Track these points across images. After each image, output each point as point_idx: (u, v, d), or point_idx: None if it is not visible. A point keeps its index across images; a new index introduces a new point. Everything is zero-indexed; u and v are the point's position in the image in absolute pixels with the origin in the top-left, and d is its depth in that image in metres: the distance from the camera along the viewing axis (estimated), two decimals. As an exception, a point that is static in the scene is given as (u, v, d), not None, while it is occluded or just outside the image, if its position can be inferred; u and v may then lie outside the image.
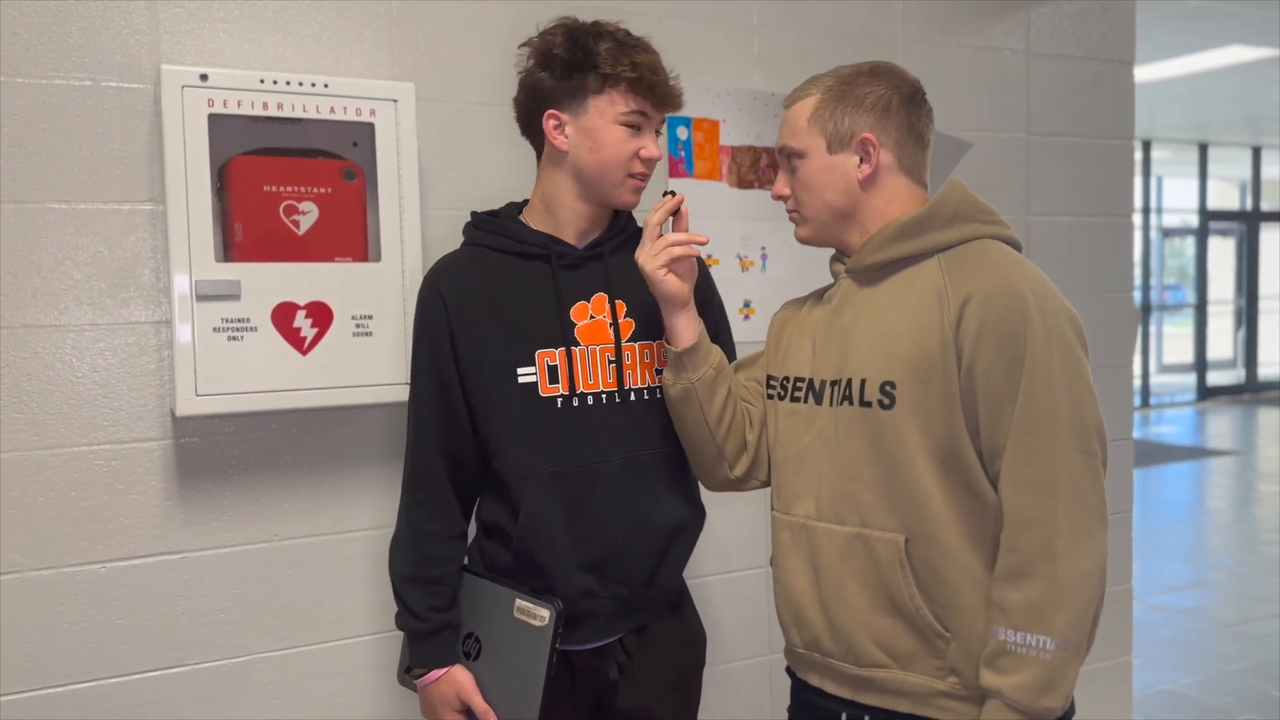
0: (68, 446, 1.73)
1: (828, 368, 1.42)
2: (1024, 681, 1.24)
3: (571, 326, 1.53)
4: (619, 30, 1.52)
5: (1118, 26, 2.68)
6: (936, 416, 1.30)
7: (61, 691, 1.73)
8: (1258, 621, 4.34)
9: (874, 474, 1.34)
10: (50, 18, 1.69)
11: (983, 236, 1.38)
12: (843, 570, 1.37)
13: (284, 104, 1.72)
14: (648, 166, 1.53)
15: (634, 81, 1.47)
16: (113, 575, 1.76)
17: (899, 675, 1.35)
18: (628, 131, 1.50)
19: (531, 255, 1.56)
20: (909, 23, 2.41)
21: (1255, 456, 8.36)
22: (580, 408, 1.53)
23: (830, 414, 1.40)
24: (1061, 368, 1.27)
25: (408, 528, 1.59)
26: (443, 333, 1.54)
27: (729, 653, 2.24)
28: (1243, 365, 12.18)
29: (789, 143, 1.44)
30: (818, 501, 1.40)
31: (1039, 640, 1.24)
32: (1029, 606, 1.25)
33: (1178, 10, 5.69)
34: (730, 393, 1.52)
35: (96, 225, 1.73)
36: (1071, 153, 2.63)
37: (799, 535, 1.43)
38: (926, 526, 1.31)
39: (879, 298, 1.39)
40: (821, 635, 1.41)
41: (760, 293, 2.25)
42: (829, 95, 1.41)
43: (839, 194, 1.41)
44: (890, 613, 1.34)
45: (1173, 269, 12.92)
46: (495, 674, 1.56)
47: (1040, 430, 1.26)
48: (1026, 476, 1.26)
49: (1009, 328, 1.27)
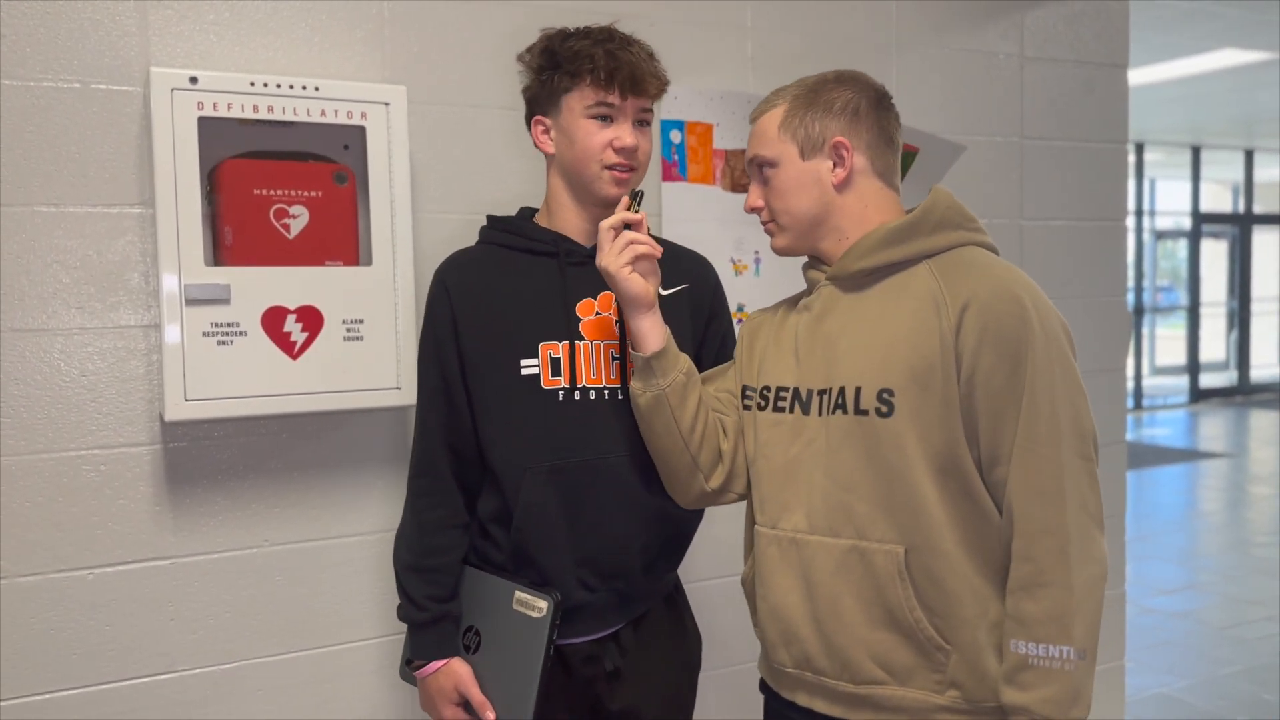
0: (56, 451, 1.71)
1: (814, 376, 1.39)
2: (1051, 695, 1.23)
3: (576, 321, 1.54)
4: (599, 29, 1.51)
5: (1111, 30, 2.68)
6: (935, 424, 1.29)
7: (50, 698, 1.72)
8: (1251, 624, 4.35)
9: (870, 484, 1.32)
10: (39, 20, 1.68)
11: (968, 244, 1.38)
12: (838, 585, 1.34)
13: (274, 107, 1.71)
14: (624, 156, 1.50)
15: (594, 73, 1.47)
16: (101, 581, 1.75)
17: (897, 691, 1.32)
18: (597, 124, 1.49)
19: (541, 252, 1.57)
20: (903, 26, 2.41)
21: (1247, 459, 8.38)
22: (582, 402, 1.53)
23: (819, 424, 1.37)
24: (1061, 375, 1.27)
25: (411, 516, 1.60)
26: (446, 325, 1.55)
27: (727, 656, 2.23)
28: (1235, 368, 12.22)
29: (760, 152, 1.43)
30: (809, 514, 1.37)
31: (1062, 651, 1.23)
32: (1049, 617, 1.23)
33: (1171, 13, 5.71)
34: (701, 400, 1.48)
35: (85, 228, 1.71)
36: (1065, 156, 2.64)
37: (788, 550, 1.39)
38: (926, 536, 1.29)
39: (866, 305, 1.37)
40: (814, 653, 1.37)
41: (754, 296, 2.24)
42: (797, 103, 1.40)
43: (814, 200, 1.40)
44: (888, 627, 1.31)
45: (1165, 271, 12.96)
46: (494, 667, 1.56)
47: (1045, 438, 1.25)
48: (1036, 485, 1.25)
49: (1009, 334, 1.26)
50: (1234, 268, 12.25)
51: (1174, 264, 12.90)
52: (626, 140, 1.50)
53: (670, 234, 2.10)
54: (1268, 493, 7.02)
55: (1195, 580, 5.05)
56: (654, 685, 1.62)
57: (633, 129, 1.51)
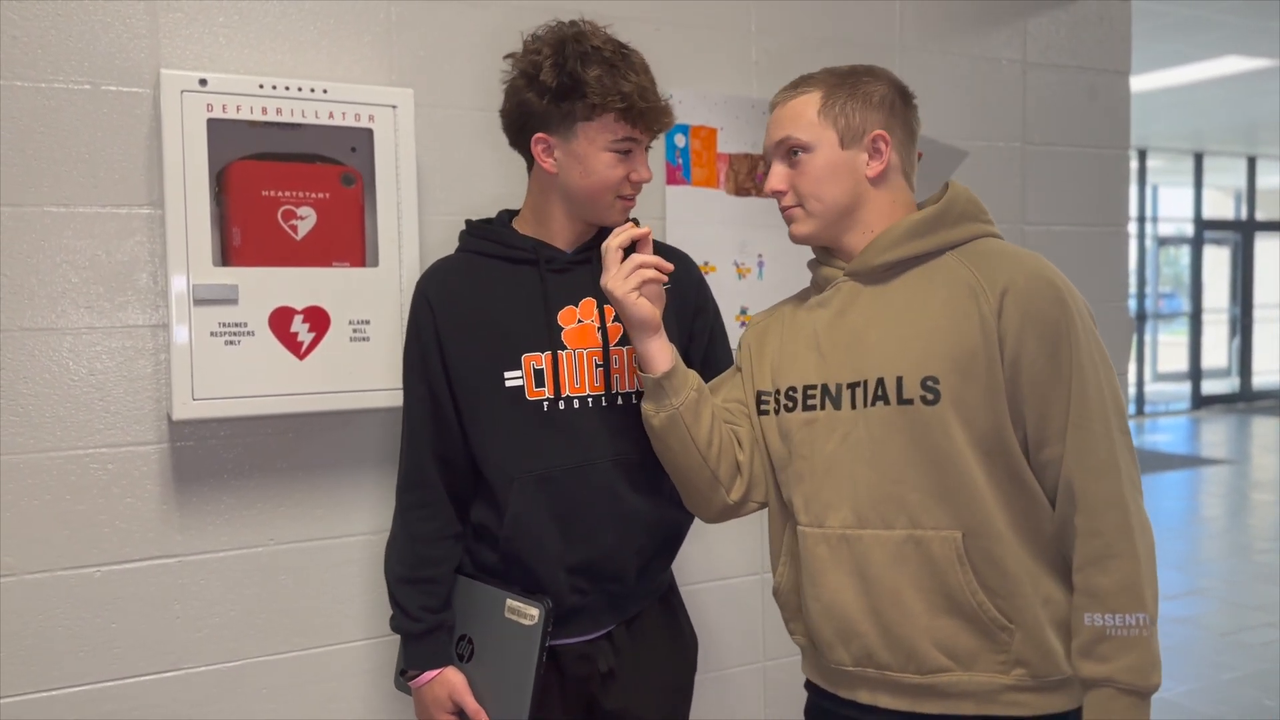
0: (63, 450, 1.73)
1: (842, 370, 1.38)
2: (1133, 662, 1.24)
3: (558, 330, 1.54)
4: (608, 46, 1.48)
5: (1113, 37, 2.70)
6: (980, 408, 1.30)
7: (55, 695, 1.73)
8: (1252, 630, 4.35)
9: (919, 472, 1.32)
10: (50, 21, 1.69)
11: (985, 235, 1.40)
12: (897, 576, 1.33)
13: (283, 109, 1.72)
14: (636, 189, 1.53)
15: (624, 110, 1.45)
16: (107, 579, 1.76)
17: (962, 677, 1.32)
18: (616, 157, 1.49)
19: (519, 260, 1.56)
20: (907, 31, 2.42)
21: (1249, 465, 8.37)
22: (566, 411, 1.53)
23: (855, 417, 1.36)
24: (1099, 353, 1.31)
25: (402, 529, 1.59)
26: (430, 337, 1.55)
27: (723, 660, 2.24)
28: (1237, 374, 12.21)
29: (796, 135, 1.40)
30: (856, 509, 1.35)
31: (1137, 619, 1.25)
32: (1121, 588, 1.25)
33: (1174, 21, 5.72)
34: (715, 415, 1.47)
35: (95, 229, 1.73)
36: (1067, 162, 2.65)
37: (838, 547, 1.36)
38: (981, 519, 1.30)
39: (892, 296, 1.38)
40: (876, 648, 1.35)
41: (757, 299, 2.25)
42: (837, 91, 1.40)
43: (846, 190, 1.40)
44: (950, 613, 1.31)
45: (1168, 278, 12.95)
46: (487, 675, 1.57)
47: (1095, 415, 1.28)
48: (1092, 461, 1.28)
49: (1049, 317, 1.29)
50: (1236, 274, 12.24)
51: (1176, 270, 12.89)
52: (644, 174, 1.52)
53: (673, 237, 2.11)
54: (1269, 499, 7.01)
55: (1197, 586, 5.04)
56: (650, 686, 1.63)
57: (644, 162, 1.53)
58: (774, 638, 2.31)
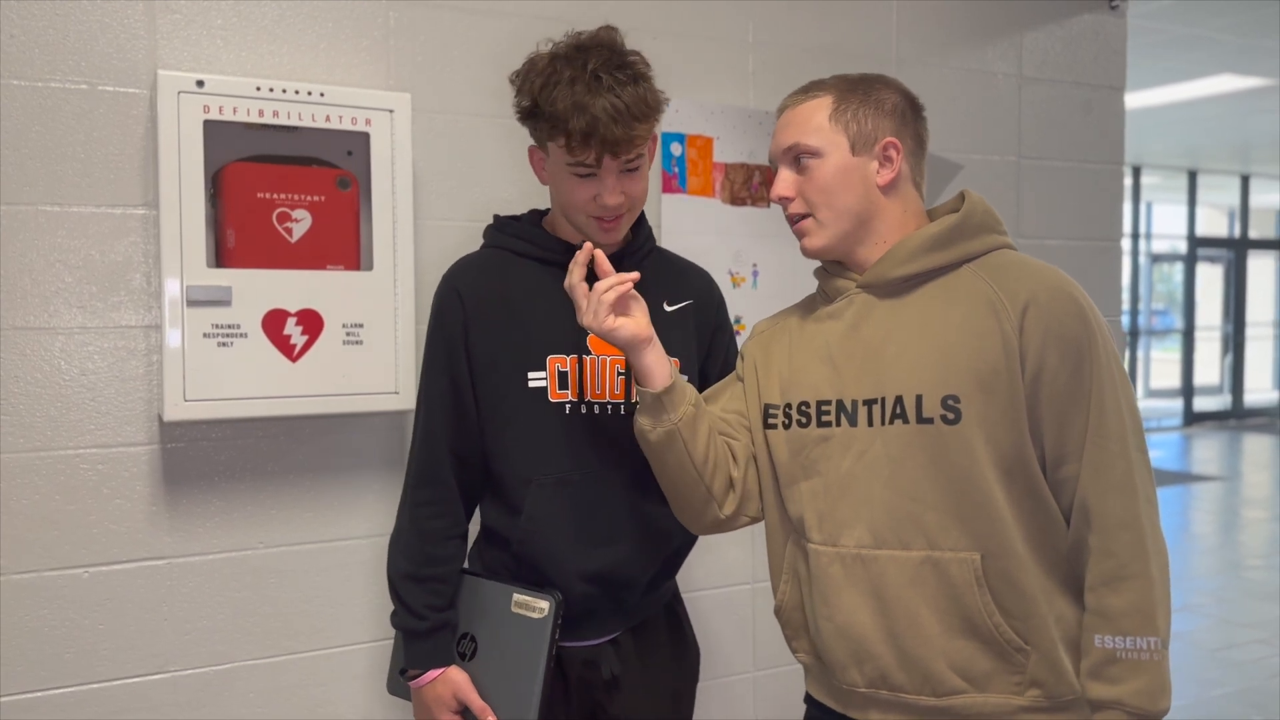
0: (54, 450, 1.72)
1: (857, 387, 1.34)
2: (1143, 686, 1.23)
3: (584, 334, 1.52)
4: (597, 58, 1.43)
5: (1109, 53, 2.71)
6: (1002, 426, 1.28)
7: (43, 696, 1.72)
8: (1242, 647, 4.35)
9: (939, 493, 1.29)
10: (47, 21, 1.69)
11: (1002, 246, 1.38)
12: (913, 597, 1.30)
13: (279, 112, 1.73)
14: (607, 211, 1.48)
15: (571, 136, 1.42)
16: (96, 580, 1.75)
17: (977, 699, 1.30)
18: (578, 179, 1.47)
19: (550, 261, 1.55)
20: (903, 44, 2.43)
21: (1241, 482, 8.39)
22: (588, 416, 1.52)
23: (872, 434, 1.33)
24: (1119, 371, 1.29)
25: (410, 524, 1.56)
26: (458, 331, 1.53)
27: (719, 667, 2.24)
28: (1229, 391, 12.25)
29: (805, 140, 1.37)
30: (872, 528, 1.32)
31: (1148, 642, 1.23)
32: (1134, 609, 1.24)
33: (1169, 38, 5.75)
34: (710, 428, 1.44)
35: (89, 229, 1.72)
36: (1061, 177, 2.66)
37: (853, 567, 1.33)
38: (1000, 540, 1.28)
39: (909, 310, 1.34)
40: (891, 669, 1.32)
41: (752, 309, 2.25)
42: (849, 96, 1.37)
43: (858, 198, 1.36)
44: (966, 634, 1.29)
45: (1161, 294, 13.00)
46: (493, 672, 1.56)
47: (1114, 433, 1.26)
48: (1109, 480, 1.26)
49: (1071, 333, 1.27)
50: (1229, 292, 12.30)
51: (1169, 287, 12.94)
52: (607, 200, 1.46)
53: (669, 246, 2.10)
54: (1261, 516, 7.03)
55: (1188, 602, 5.05)
56: (654, 694, 1.62)
57: (617, 181, 1.46)
58: (764, 649, 2.31)
